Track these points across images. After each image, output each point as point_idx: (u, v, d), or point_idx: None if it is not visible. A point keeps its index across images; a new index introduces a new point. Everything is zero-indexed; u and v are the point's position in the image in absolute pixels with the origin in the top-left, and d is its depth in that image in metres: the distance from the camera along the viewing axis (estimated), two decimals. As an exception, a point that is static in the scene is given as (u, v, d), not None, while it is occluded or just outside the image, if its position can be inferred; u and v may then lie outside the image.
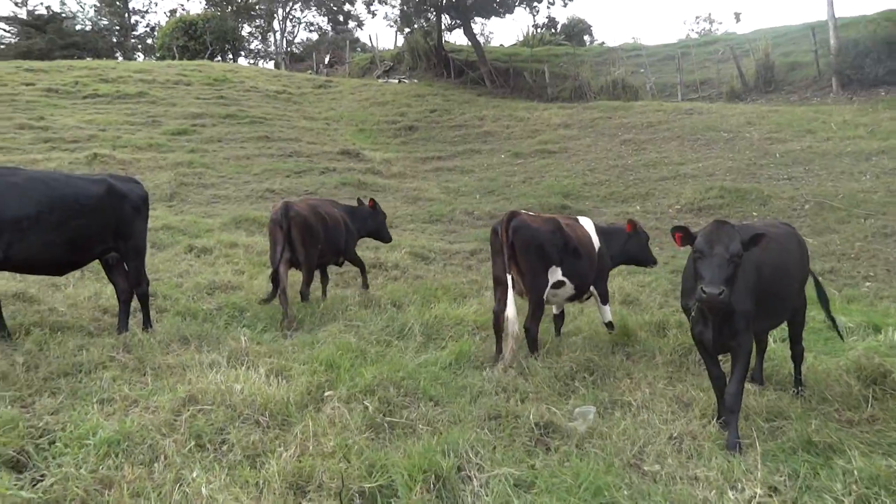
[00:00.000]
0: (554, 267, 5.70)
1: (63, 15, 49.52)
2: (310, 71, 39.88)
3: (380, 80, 33.89)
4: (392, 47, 42.51)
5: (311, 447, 3.57)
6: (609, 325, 6.39)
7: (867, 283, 9.15)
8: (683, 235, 4.23)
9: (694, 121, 20.07)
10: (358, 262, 8.33)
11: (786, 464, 3.80)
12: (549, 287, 5.71)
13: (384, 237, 8.82)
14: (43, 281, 6.94)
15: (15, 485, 3.00)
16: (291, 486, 3.21)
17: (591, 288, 6.26)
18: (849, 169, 14.38)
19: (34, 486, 3.06)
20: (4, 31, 46.42)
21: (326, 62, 42.41)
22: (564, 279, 5.82)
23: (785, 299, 4.86)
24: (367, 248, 10.12)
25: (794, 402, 4.90)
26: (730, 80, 26.00)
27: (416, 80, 33.50)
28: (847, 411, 4.67)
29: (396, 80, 33.71)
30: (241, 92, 25.51)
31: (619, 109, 22.81)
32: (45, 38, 43.02)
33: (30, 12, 48.08)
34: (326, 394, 4.36)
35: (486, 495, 3.32)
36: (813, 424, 4.31)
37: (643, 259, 6.89)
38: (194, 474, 3.17)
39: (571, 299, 6.26)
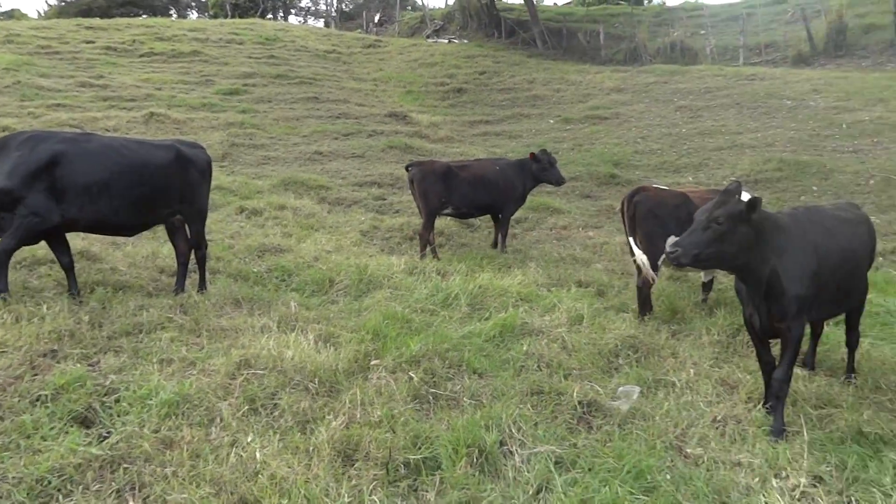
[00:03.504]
0: None
1: (120, -29, 50.35)
2: (359, 30, 39.63)
3: (429, 40, 33.43)
4: (443, 6, 41.82)
5: (358, 416, 3.69)
6: None
7: (934, 266, 8.73)
8: None
9: (755, 87, 19.17)
10: (502, 222, 9.29)
11: (833, 454, 3.73)
12: None
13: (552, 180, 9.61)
14: (104, 240, 7.25)
15: (84, 441, 3.21)
16: (340, 453, 3.34)
17: None
18: (923, 142, 13.58)
19: (101, 442, 3.27)
20: (65, -13, 47.64)
21: (376, 21, 42.03)
22: None
23: (850, 289, 4.69)
24: (412, 215, 10.20)
25: (845, 389, 4.78)
26: (797, 43, 24.57)
27: (465, 41, 32.90)
28: (902, 402, 4.53)
29: (446, 41, 33.18)
30: (291, 51, 25.58)
31: (675, 74, 21.98)
32: (103, -6, 43.89)
33: (89, -31, 49.10)
34: (373, 362, 4.48)
35: (528, 471, 3.38)
36: (864, 414, 4.22)
37: None
38: (249, 438, 3.33)
39: None
